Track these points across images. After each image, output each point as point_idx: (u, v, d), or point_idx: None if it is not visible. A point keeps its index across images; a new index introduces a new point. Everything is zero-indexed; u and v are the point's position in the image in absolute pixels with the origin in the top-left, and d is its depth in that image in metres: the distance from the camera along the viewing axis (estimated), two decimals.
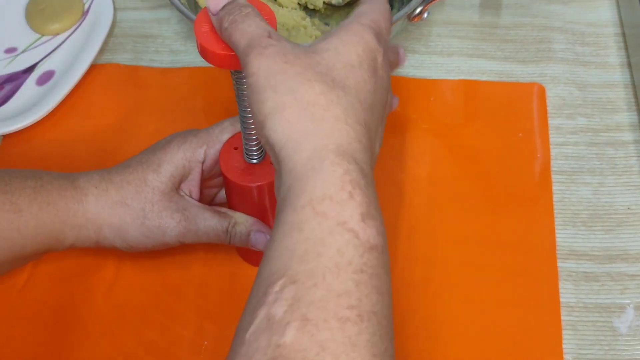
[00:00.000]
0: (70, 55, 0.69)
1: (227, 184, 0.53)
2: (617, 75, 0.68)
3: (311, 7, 0.71)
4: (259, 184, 0.51)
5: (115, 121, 0.66)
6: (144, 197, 0.52)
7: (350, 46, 0.42)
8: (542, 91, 0.67)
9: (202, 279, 0.57)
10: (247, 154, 0.52)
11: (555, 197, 0.61)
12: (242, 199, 0.53)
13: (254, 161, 0.52)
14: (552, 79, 0.68)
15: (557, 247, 0.58)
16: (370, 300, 0.35)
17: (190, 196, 0.53)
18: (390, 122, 0.65)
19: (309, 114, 0.38)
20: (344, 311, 0.34)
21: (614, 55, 0.70)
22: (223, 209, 0.54)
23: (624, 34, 0.70)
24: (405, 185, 0.61)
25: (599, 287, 0.56)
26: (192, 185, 0.54)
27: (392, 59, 0.48)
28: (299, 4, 0.71)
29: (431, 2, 0.64)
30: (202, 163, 0.53)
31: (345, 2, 0.71)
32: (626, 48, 0.70)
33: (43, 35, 0.72)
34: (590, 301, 0.56)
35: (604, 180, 0.62)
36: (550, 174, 0.62)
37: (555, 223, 0.59)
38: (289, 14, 0.69)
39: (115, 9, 0.73)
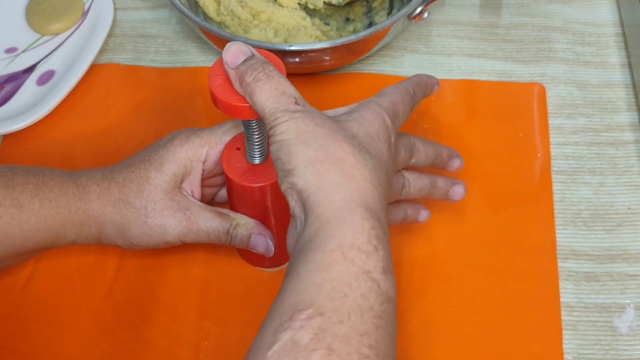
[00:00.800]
0: (70, 55, 0.69)
1: (229, 184, 0.53)
2: (618, 75, 0.68)
3: (311, 7, 0.71)
4: (261, 184, 0.51)
5: (115, 121, 0.66)
6: (146, 195, 0.52)
7: (369, 122, 0.46)
8: (542, 91, 0.67)
9: (203, 278, 0.57)
10: (249, 154, 0.52)
11: (556, 197, 0.61)
12: (243, 199, 0.53)
13: (256, 162, 0.52)
14: (553, 78, 0.68)
15: (558, 247, 0.58)
16: (385, 343, 0.39)
17: (192, 195, 0.53)
18: None
19: (339, 169, 0.42)
20: (365, 349, 0.37)
21: (614, 55, 0.70)
22: (224, 210, 0.54)
23: (624, 34, 0.70)
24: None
25: (599, 287, 0.56)
26: (193, 185, 0.54)
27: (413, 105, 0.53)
28: (299, 4, 0.71)
29: (431, 1, 0.64)
30: (204, 162, 0.53)
31: (345, 2, 0.71)
32: (626, 48, 0.70)
33: (43, 35, 0.72)
34: (591, 301, 0.56)
35: (605, 180, 0.62)
36: (551, 174, 0.62)
37: (556, 223, 0.59)
38: (289, 14, 0.69)
39: (115, 9, 0.73)
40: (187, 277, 0.57)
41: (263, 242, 0.53)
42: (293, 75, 0.67)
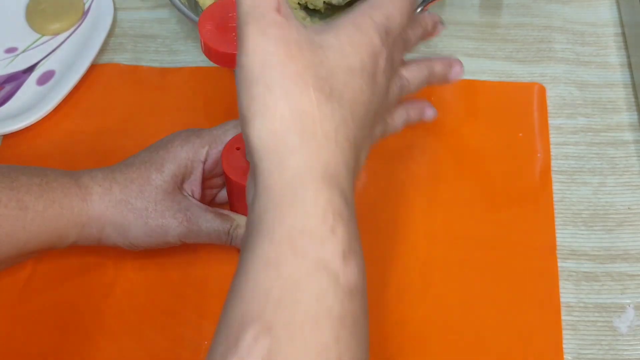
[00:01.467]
0: (70, 55, 0.69)
1: (229, 184, 0.53)
2: (618, 75, 0.68)
3: (311, 7, 0.71)
4: None
5: (115, 121, 0.66)
6: (147, 196, 0.52)
7: (356, 48, 0.39)
8: (542, 91, 0.67)
9: (203, 278, 0.57)
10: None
11: (556, 197, 0.61)
12: (244, 199, 0.53)
13: None
14: (553, 78, 0.68)
15: (558, 247, 0.58)
16: (349, 353, 0.33)
17: (193, 196, 0.53)
18: None
19: (299, 126, 0.36)
20: None
21: (614, 55, 0.70)
22: (225, 211, 0.54)
23: (624, 34, 0.70)
24: (405, 185, 0.61)
25: (599, 287, 0.56)
26: (194, 185, 0.54)
27: (418, 33, 0.47)
28: (299, 4, 0.71)
29: (431, 1, 0.63)
30: (204, 163, 0.53)
31: (345, 2, 0.71)
32: (626, 48, 0.70)
33: (43, 35, 0.72)
34: (591, 301, 0.56)
35: (605, 180, 0.62)
36: (551, 174, 0.62)
37: (556, 223, 0.59)
38: None
39: (115, 9, 0.72)
40: (187, 277, 0.57)
41: None
42: None
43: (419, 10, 0.63)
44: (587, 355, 0.53)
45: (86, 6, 0.72)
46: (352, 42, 0.39)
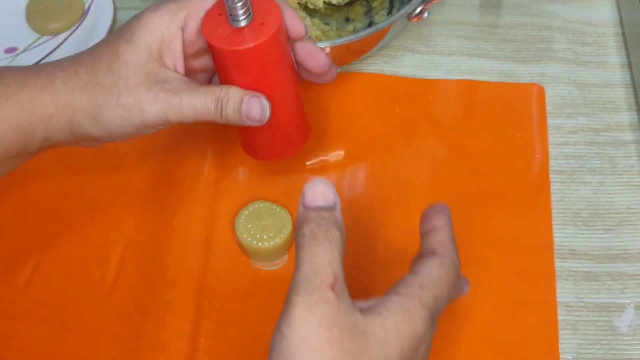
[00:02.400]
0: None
1: (213, 54, 0.47)
2: (617, 74, 0.68)
3: (311, 7, 0.71)
4: (248, 46, 0.45)
5: None
6: (117, 72, 0.46)
7: (399, 339, 0.38)
8: (541, 92, 0.67)
9: (202, 276, 0.57)
10: (231, 16, 0.45)
11: (556, 197, 0.61)
12: (232, 67, 0.47)
13: (242, 24, 0.46)
14: (552, 78, 0.68)
15: (557, 247, 0.58)
16: None
17: (175, 70, 0.48)
18: (391, 122, 0.65)
19: None
20: None
21: (614, 55, 0.70)
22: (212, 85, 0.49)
23: (624, 34, 0.70)
24: (404, 184, 0.61)
25: (599, 287, 0.56)
26: (175, 58, 0.47)
27: (455, 296, 0.44)
28: (299, 4, 0.71)
29: (431, 1, 0.64)
30: (183, 30, 0.47)
31: (345, 1, 0.71)
32: (626, 48, 0.70)
33: (43, 35, 0.72)
34: (591, 301, 0.56)
35: (604, 180, 0.62)
36: (549, 175, 0.62)
37: (556, 222, 0.59)
38: None
39: (115, 9, 0.72)
40: (187, 275, 0.57)
41: (257, 105, 0.47)
42: None
43: (419, 9, 0.63)
44: (587, 355, 0.53)
45: (86, 6, 0.73)
46: (397, 331, 0.38)
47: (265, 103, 0.47)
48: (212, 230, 0.59)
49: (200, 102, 0.46)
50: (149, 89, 0.46)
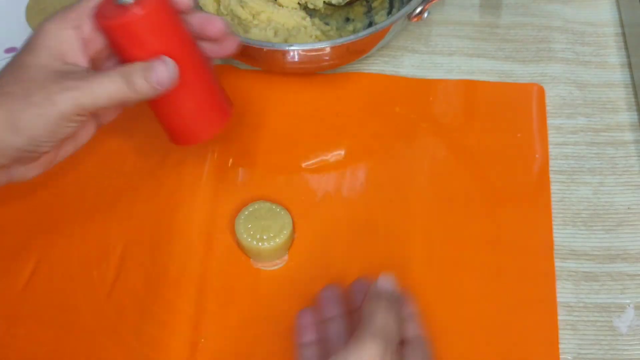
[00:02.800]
0: None
1: (107, 36, 0.48)
2: (617, 74, 0.68)
3: (311, 7, 0.71)
4: (134, 15, 0.46)
5: (114, 120, 0.66)
6: (24, 77, 0.47)
7: None
8: (541, 92, 0.67)
9: (202, 275, 0.57)
10: None
11: (556, 197, 0.61)
12: (127, 44, 0.48)
13: (128, 0, 0.47)
14: (552, 78, 0.68)
15: (557, 247, 0.58)
16: None
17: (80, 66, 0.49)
18: (391, 122, 0.65)
19: None
20: None
21: (614, 55, 0.70)
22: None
23: (624, 34, 0.71)
24: (404, 184, 0.61)
25: (599, 287, 0.56)
26: (76, 56, 0.49)
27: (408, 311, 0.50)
28: (299, 3, 0.71)
29: (431, 1, 0.64)
30: (79, 29, 0.49)
31: (345, 1, 0.71)
32: (626, 48, 0.70)
33: None
34: (591, 301, 0.56)
35: (604, 180, 0.62)
36: (548, 175, 0.62)
37: (556, 223, 0.59)
38: (289, 14, 0.69)
39: None
40: (186, 275, 0.57)
41: (162, 67, 0.47)
42: (293, 75, 0.68)
43: (419, 9, 0.63)
44: (587, 355, 0.53)
45: None
46: None
47: (169, 61, 0.48)
48: (212, 231, 0.59)
49: (109, 81, 0.47)
50: (56, 81, 0.47)
